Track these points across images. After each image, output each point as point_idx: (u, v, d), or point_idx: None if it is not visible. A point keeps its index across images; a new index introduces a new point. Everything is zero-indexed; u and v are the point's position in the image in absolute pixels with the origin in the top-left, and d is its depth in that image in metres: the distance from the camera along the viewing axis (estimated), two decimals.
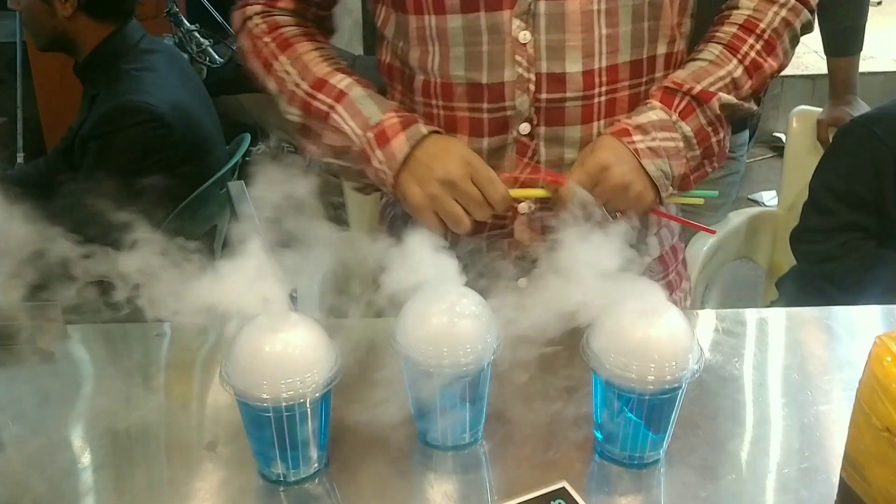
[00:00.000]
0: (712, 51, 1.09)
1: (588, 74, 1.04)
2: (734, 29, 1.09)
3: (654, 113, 1.04)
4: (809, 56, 4.63)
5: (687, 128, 1.04)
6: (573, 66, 1.03)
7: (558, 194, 1.01)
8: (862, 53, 2.10)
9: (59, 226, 2.02)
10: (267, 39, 1.12)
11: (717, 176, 2.02)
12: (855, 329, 1.15)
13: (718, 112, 1.06)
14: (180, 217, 1.88)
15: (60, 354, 1.07)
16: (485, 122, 1.07)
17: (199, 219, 1.99)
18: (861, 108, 2.04)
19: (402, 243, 0.85)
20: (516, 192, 1.04)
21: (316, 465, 0.85)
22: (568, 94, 1.04)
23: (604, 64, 1.04)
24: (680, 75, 1.07)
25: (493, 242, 1.13)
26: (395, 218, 1.24)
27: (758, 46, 1.08)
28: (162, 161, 1.94)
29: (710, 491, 0.83)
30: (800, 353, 1.09)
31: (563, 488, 0.81)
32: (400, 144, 1.02)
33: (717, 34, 1.10)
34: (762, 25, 1.08)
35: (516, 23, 1.01)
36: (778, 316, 1.20)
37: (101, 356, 1.08)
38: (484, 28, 1.02)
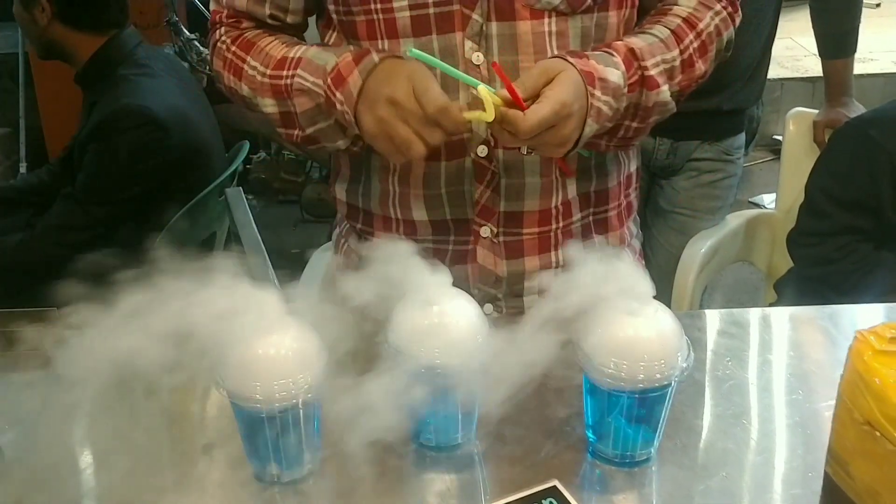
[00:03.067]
0: (662, 31, 1.07)
1: None
2: (678, 21, 1.08)
3: (616, 74, 1.00)
4: (809, 59, 4.64)
5: (625, 102, 1.02)
6: None
7: (512, 120, 0.92)
8: (862, 56, 2.11)
9: (58, 230, 2.03)
10: (234, 49, 1.10)
11: (715, 179, 2.04)
12: (855, 327, 1.14)
13: (651, 105, 1.04)
14: (179, 224, 1.89)
15: (58, 359, 1.07)
16: (441, 144, 1.05)
17: (197, 225, 2.00)
18: (857, 109, 2.05)
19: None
20: (469, 115, 0.95)
21: (310, 465, 0.86)
22: None
23: None
24: (638, 44, 1.04)
25: (456, 267, 1.10)
26: (350, 251, 1.22)
27: (696, 44, 1.07)
28: (159, 165, 1.95)
29: (701, 489, 0.84)
30: (795, 352, 1.09)
31: (555, 487, 0.81)
32: (354, 80, 0.98)
33: (664, 19, 1.09)
34: (701, 25, 1.08)
35: (469, 44, 1.01)
36: (774, 315, 1.20)
37: (97, 362, 1.09)
38: (437, 51, 1.02)
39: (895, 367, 0.64)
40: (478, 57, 1.02)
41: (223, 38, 1.12)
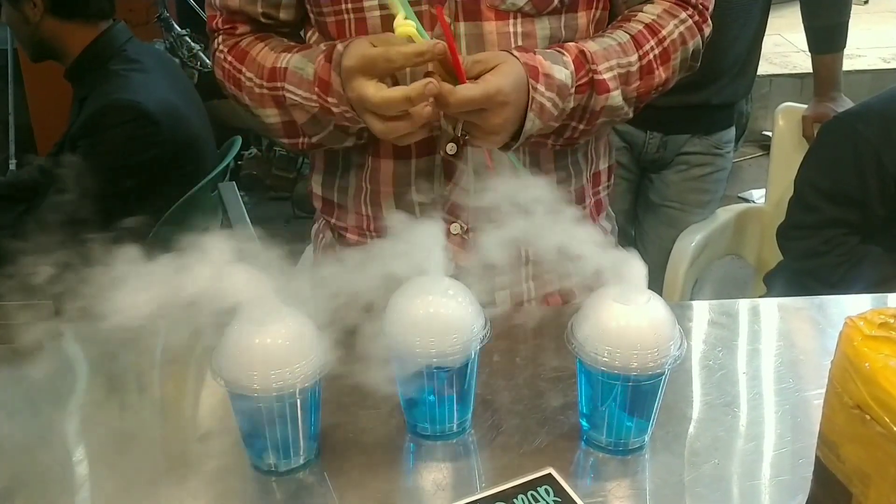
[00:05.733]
0: (622, 36, 1.07)
1: None
2: (640, 26, 1.07)
3: (564, 73, 0.99)
4: (798, 55, 4.67)
5: (571, 104, 1.02)
6: None
7: (444, 92, 0.89)
8: (850, 52, 2.12)
9: (51, 224, 2.02)
10: (230, 59, 1.10)
11: (704, 173, 2.06)
12: (842, 317, 1.16)
13: (598, 109, 1.04)
14: (172, 219, 1.90)
15: (52, 353, 1.08)
16: (412, 144, 1.06)
17: (190, 221, 2.00)
18: (845, 104, 2.07)
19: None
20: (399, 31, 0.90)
21: (307, 455, 0.86)
22: None
23: None
24: (592, 47, 1.03)
25: None
26: (328, 246, 1.23)
27: (656, 51, 1.07)
28: (151, 159, 1.95)
29: (693, 476, 0.85)
30: (784, 342, 1.10)
31: (550, 474, 0.82)
32: (335, 80, 0.97)
33: (625, 25, 1.08)
34: (664, 32, 1.07)
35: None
36: (763, 306, 1.22)
37: (94, 353, 1.09)
38: None
39: (884, 351, 0.66)
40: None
41: (221, 46, 1.12)
